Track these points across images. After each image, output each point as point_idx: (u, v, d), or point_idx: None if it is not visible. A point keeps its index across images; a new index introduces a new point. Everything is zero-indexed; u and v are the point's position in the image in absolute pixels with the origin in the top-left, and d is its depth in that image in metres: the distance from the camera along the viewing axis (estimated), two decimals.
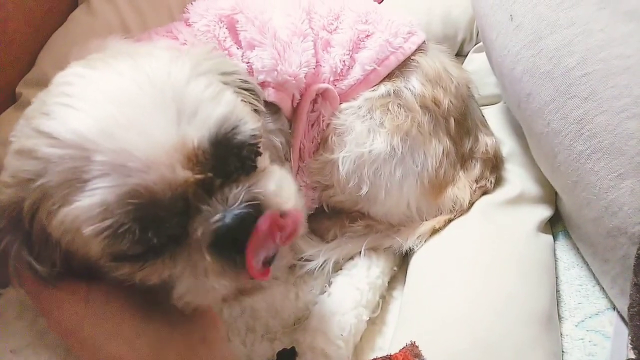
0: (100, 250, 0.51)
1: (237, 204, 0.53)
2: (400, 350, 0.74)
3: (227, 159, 0.55)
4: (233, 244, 0.52)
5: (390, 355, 0.73)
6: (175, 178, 0.50)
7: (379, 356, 0.72)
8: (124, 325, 0.56)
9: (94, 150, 0.48)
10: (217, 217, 0.52)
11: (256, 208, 0.54)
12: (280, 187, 0.59)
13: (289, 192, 0.60)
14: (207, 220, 0.52)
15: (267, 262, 0.55)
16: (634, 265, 0.71)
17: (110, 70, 0.54)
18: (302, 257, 0.91)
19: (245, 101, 0.64)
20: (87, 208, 0.48)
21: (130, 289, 0.56)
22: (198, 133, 0.51)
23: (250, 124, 0.56)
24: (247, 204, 0.53)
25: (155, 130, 0.49)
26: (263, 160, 0.62)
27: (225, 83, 0.61)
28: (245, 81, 0.67)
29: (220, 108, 0.54)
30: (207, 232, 0.52)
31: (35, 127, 0.51)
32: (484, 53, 1.07)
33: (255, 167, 0.59)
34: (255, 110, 0.67)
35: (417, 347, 0.74)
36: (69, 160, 0.48)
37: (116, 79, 0.52)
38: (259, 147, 0.60)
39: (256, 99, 0.68)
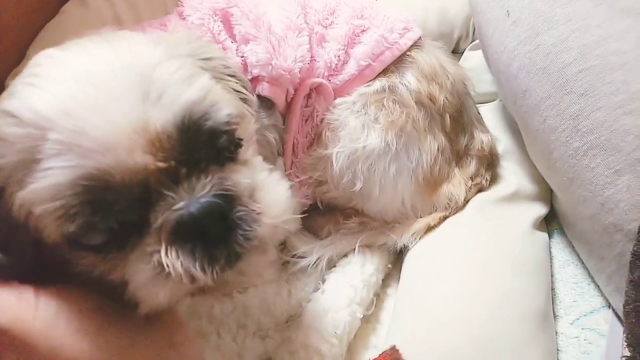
0: (55, 234, 0.49)
1: (204, 192, 0.50)
2: (380, 355, 0.73)
3: (195, 145, 0.51)
4: (196, 235, 0.49)
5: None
6: (134, 162, 0.47)
7: None
8: (84, 329, 0.51)
9: (50, 128, 0.46)
10: (181, 204, 0.49)
11: (226, 200, 0.51)
12: (260, 186, 0.55)
13: (275, 196, 0.56)
14: (169, 208, 0.49)
15: (230, 259, 0.52)
16: (630, 262, 0.70)
17: (82, 51, 0.52)
18: (295, 254, 0.90)
19: (231, 89, 0.62)
20: (39, 188, 0.46)
21: (91, 291, 0.53)
22: (162, 116, 0.48)
23: (224, 110, 0.53)
24: (215, 193, 0.50)
25: (117, 112, 0.47)
26: (245, 154, 0.58)
27: (205, 68, 0.58)
28: (228, 67, 0.64)
29: (190, 92, 0.51)
30: (168, 220, 0.49)
31: (1, 108, 0.49)
32: (480, 51, 1.07)
33: (232, 159, 0.56)
34: (244, 100, 0.65)
35: (397, 351, 0.73)
36: (26, 139, 0.47)
37: (85, 59, 0.51)
38: (240, 139, 0.57)
39: (243, 86, 0.65)
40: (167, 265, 0.49)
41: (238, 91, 0.64)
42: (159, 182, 0.49)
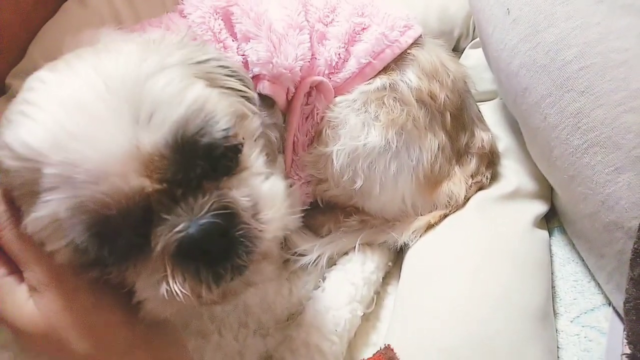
0: (66, 261, 0.51)
1: (203, 212, 0.50)
2: (375, 354, 0.74)
3: (191, 163, 0.50)
4: (199, 255, 0.50)
5: (365, 359, 0.72)
6: (129, 187, 0.47)
7: None
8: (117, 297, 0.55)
9: (44, 162, 0.46)
10: (181, 227, 0.49)
11: (226, 217, 0.50)
12: (261, 198, 0.55)
13: (276, 207, 0.55)
14: (170, 230, 0.49)
15: (235, 273, 0.52)
16: (630, 260, 0.71)
17: (69, 73, 0.51)
18: (295, 252, 0.90)
19: (231, 88, 0.61)
20: (40, 222, 0.47)
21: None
22: (153, 138, 0.47)
23: (222, 123, 0.52)
24: (214, 213, 0.50)
25: (106, 138, 0.47)
26: (247, 157, 0.58)
27: (200, 74, 0.57)
28: (227, 67, 0.63)
29: (181, 108, 0.49)
30: (170, 242, 0.49)
31: (2, 138, 0.50)
32: (480, 49, 1.06)
33: (232, 167, 0.55)
34: (246, 98, 0.64)
35: (392, 349, 0.74)
36: (25, 172, 0.48)
37: (72, 83, 0.50)
38: (241, 144, 0.56)
39: (245, 85, 0.65)
40: (174, 291, 0.50)
41: (239, 90, 0.63)
42: (159, 203, 0.49)
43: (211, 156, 0.52)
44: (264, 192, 0.56)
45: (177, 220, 0.49)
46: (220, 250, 0.51)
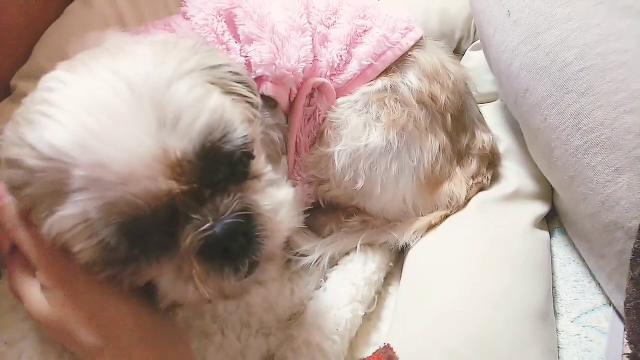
0: (91, 260, 0.52)
1: (227, 213, 0.53)
2: (374, 353, 0.74)
3: (216, 168, 0.54)
4: (223, 252, 0.53)
5: (364, 359, 0.73)
6: (159, 189, 0.49)
7: None
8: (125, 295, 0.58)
9: (72, 164, 0.47)
10: (207, 226, 0.52)
11: (247, 218, 0.54)
12: (276, 204, 0.58)
13: (287, 211, 0.59)
14: (196, 229, 0.52)
15: (246, 273, 0.56)
16: (630, 260, 0.71)
17: (88, 74, 0.52)
18: (297, 253, 0.90)
19: (238, 94, 0.62)
20: (69, 221, 0.49)
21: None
22: (181, 144, 0.50)
23: (240, 130, 0.55)
24: (238, 214, 0.53)
25: (133, 141, 0.48)
26: (257, 164, 0.61)
27: (213, 80, 0.59)
28: (237, 74, 0.65)
29: (206, 115, 0.52)
30: (197, 241, 0.52)
31: (20, 135, 0.51)
32: (481, 51, 1.07)
33: (248, 172, 0.58)
34: (251, 104, 0.65)
35: (391, 349, 0.74)
36: (51, 172, 0.48)
37: (94, 85, 0.51)
38: (252, 150, 0.59)
39: (251, 92, 0.66)
40: (200, 286, 0.53)
41: (245, 96, 0.65)
42: (185, 205, 0.51)
43: (230, 162, 0.55)
44: (278, 196, 0.60)
45: (203, 220, 0.52)
46: (241, 248, 0.54)
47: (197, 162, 0.51)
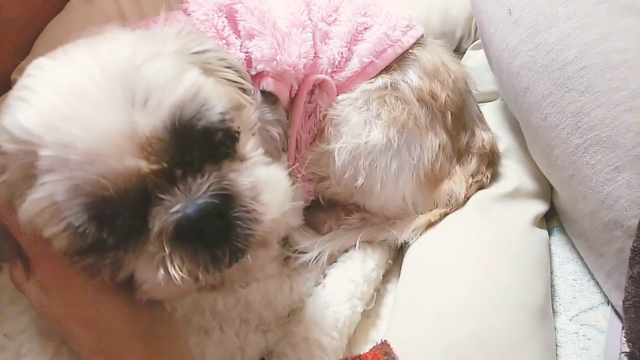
0: (63, 248, 0.50)
1: (200, 193, 0.50)
2: (371, 350, 0.74)
3: (188, 146, 0.51)
4: (196, 236, 0.49)
5: (360, 355, 0.73)
6: (125, 168, 0.47)
7: (349, 356, 0.71)
8: (120, 296, 0.56)
9: (40, 144, 0.47)
10: (177, 207, 0.49)
11: (224, 199, 0.50)
12: (260, 182, 0.54)
13: (275, 192, 0.55)
14: (166, 211, 0.49)
15: (233, 258, 0.52)
16: (629, 259, 0.71)
17: (66, 59, 0.52)
18: (296, 250, 0.91)
19: (227, 80, 0.61)
20: (37, 205, 0.47)
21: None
22: (150, 121, 0.48)
23: (217, 108, 0.52)
24: (212, 193, 0.50)
25: (99, 119, 0.47)
26: (244, 147, 0.58)
27: (198, 64, 0.57)
28: (223, 59, 0.63)
29: (178, 92, 0.50)
30: (168, 223, 0.49)
31: (0, 122, 0.50)
32: (481, 50, 1.07)
33: (229, 154, 0.55)
34: (243, 90, 0.64)
35: (388, 345, 0.74)
36: (22, 155, 0.48)
37: (68, 68, 0.50)
38: (237, 132, 0.56)
39: (241, 77, 0.64)
40: (172, 273, 0.49)
41: (235, 82, 0.63)
42: (155, 185, 0.49)
43: (209, 141, 0.52)
44: (264, 176, 0.56)
45: (174, 201, 0.49)
46: (218, 232, 0.50)
47: (168, 140, 0.49)
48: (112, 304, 0.56)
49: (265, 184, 0.55)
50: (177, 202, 0.49)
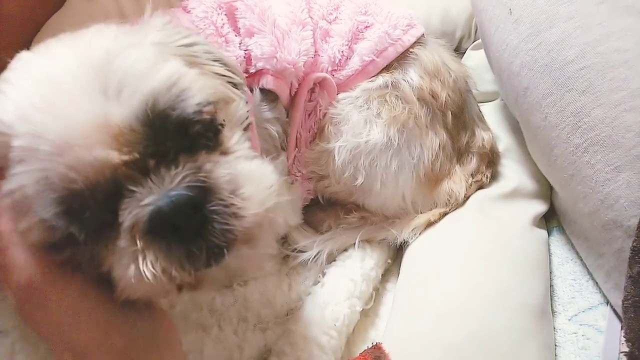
0: (36, 242, 0.49)
1: (174, 185, 0.47)
2: (361, 354, 0.74)
3: (162, 136, 0.48)
4: (171, 230, 0.47)
5: (350, 359, 0.73)
6: (95, 159, 0.45)
7: None
8: (98, 312, 0.52)
9: (12, 135, 0.46)
10: (149, 199, 0.46)
11: (199, 191, 0.47)
12: (241, 175, 0.51)
13: (258, 187, 0.52)
14: (138, 203, 0.46)
15: (212, 256, 0.49)
16: (629, 258, 0.71)
17: (46, 52, 0.51)
18: (295, 248, 0.91)
19: (214, 74, 0.60)
20: (10, 197, 0.46)
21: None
22: (123, 111, 0.46)
23: (194, 98, 0.50)
24: (187, 185, 0.47)
25: (70, 109, 0.46)
26: (229, 141, 0.55)
27: (182, 57, 0.55)
28: (210, 52, 0.61)
29: (153, 82, 0.48)
30: (140, 217, 0.46)
31: None
32: (482, 50, 1.07)
33: (209, 147, 0.53)
34: (234, 85, 0.63)
35: (379, 348, 0.74)
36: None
37: (47, 61, 0.50)
38: (221, 125, 0.54)
39: (230, 71, 0.63)
40: (142, 268, 0.47)
41: (224, 75, 0.62)
42: (127, 177, 0.47)
43: (186, 133, 0.50)
44: (246, 170, 0.53)
45: (146, 193, 0.47)
46: (194, 227, 0.47)
47: (142, 131, 0.47)
48: (87, 326, 0.51)
49: (247, 178, 0.51)
50: (149, 194, 0.47)
